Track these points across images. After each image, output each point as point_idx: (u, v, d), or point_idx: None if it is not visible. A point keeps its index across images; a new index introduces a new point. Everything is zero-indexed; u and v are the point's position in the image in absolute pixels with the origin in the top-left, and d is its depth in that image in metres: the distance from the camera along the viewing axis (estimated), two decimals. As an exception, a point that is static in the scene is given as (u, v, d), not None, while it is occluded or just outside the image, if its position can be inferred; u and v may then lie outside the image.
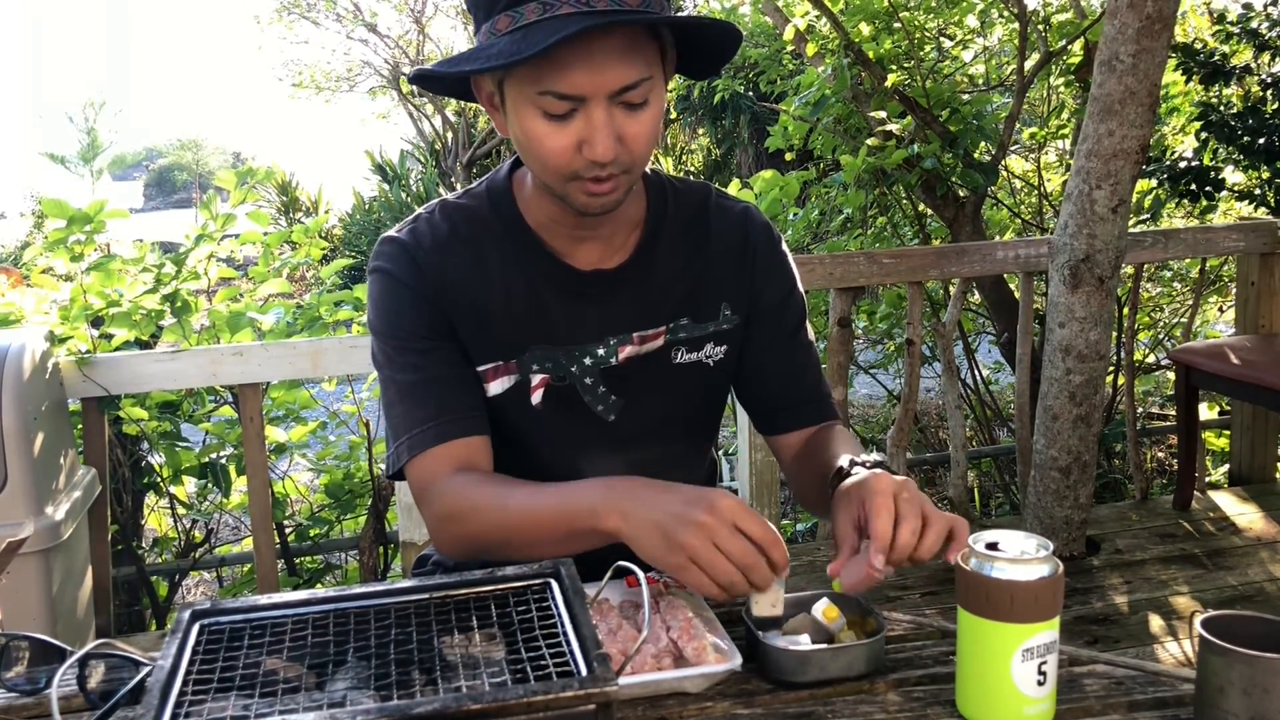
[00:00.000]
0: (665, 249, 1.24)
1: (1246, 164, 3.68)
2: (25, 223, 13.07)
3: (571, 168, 1.06)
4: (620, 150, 1.05)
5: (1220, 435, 3.97)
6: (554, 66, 1.00)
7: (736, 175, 10.56)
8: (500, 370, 1.21)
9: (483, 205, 1.22)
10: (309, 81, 13.98)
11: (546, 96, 1.02)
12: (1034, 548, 0.88)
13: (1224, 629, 0.83)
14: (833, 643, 0.98)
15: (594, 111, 1.03)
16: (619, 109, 1.04)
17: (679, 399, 1.27)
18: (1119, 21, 2.43)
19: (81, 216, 2.69)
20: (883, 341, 4.56)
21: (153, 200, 33.30)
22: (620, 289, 1.22)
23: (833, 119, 4.13)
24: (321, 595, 0.84)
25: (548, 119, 1.04)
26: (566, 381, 1.22)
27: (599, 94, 1.02)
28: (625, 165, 1.07)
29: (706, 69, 1.18)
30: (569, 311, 1.21)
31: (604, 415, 1.24)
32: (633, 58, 1.02)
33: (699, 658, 0.95)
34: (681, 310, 1.24)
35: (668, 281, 1.24)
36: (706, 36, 1.10)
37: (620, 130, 1.04)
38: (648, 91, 1.05)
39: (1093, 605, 2.65)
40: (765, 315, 1.29)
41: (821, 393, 1.33)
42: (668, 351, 1.24)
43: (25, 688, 0.98)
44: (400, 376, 1.18)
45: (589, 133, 1.03)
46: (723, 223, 1.27)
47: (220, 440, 2.94)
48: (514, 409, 1.22)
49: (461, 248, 1.19)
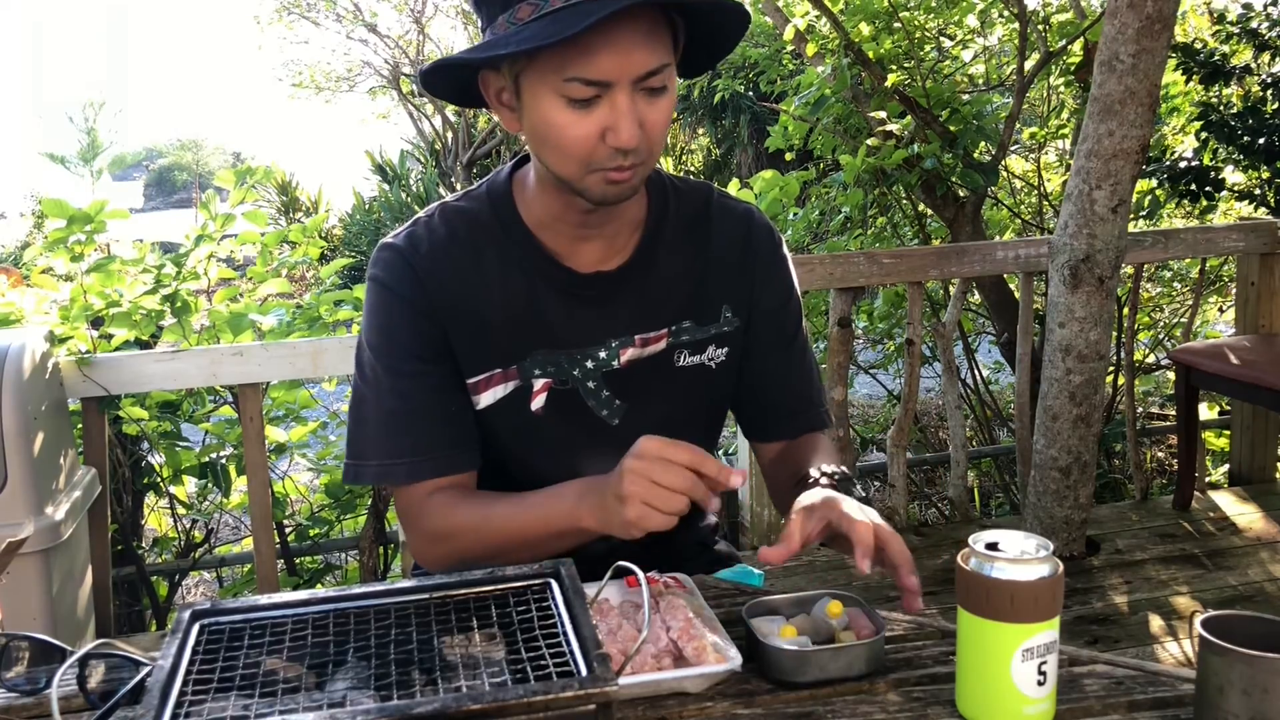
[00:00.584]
0: (667, 250, 1.23)
1: (1246, 164, 3.68)
2: (25, 223, 13.07)
3: (594, 157, 1.06)
4: (641, 138, 1.05)
5: (1220, 435, 3.97)
6: (580, 52, 1.01)
7: (736, 175, 10.57)
8: (498, 378, 1.20)
9: (482, 208, 1.21)
10: (309, 81, 13.99)
11: (573, 83, 1.02)
12: (1034, 548, 0.88)
13: (1224, 629, 0.83)
14: (833, 642, 0.98)
15: (619, 97, 1.03)
16: (641, 95, 1.04)
17: (682, 402, 1.26)
18: (1119, 21, 2.43)
19: (82, 216, 2.69)
20: (883, 341, 4.56)
21: (153, 200, 33.29)
22: (621, 290, 1.21)
23: (833, 119, 4.13)
24: (321, 595, 0.84)
25: (571, 107, 1.04)
26: (569, 385, 1.21)
27: (624, 79, 1.02)
28: (644, 154, 1.07)
29: (705, 61, 1.18)
30: (569, 314, 1.20)
31: (608, 419, 1.23)
32: (654, 43, 1.03)
33: (699, 658, 0.95)
34: (683, 312, 1.24)
35: (669, 283, 1.23)
36: (718, 21, 1.10)
37: (642, 116, 1.05)
38: (667, 78, 1.06)
39: (1093, 605, 2.65)
40: (763, 321, 1.28)
41: (814, 401, 1.33)
42: (670, 354, 1.24)
43: (25, 688, 0.98)
44: (385, 401, 1.18)
45: (614, 119, 1.03)
46: (725, 224, 1.27)
47: (220, 440, 2.94)
48: (512, 416, 1.21)
49: (460, 252, 1.19)
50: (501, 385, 1.20)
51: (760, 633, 0.98)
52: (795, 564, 2.95)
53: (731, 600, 1.15)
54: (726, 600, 1.15)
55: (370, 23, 12.95)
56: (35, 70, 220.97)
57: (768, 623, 1.02)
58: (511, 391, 1.21)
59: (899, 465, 3.14)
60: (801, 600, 1.05)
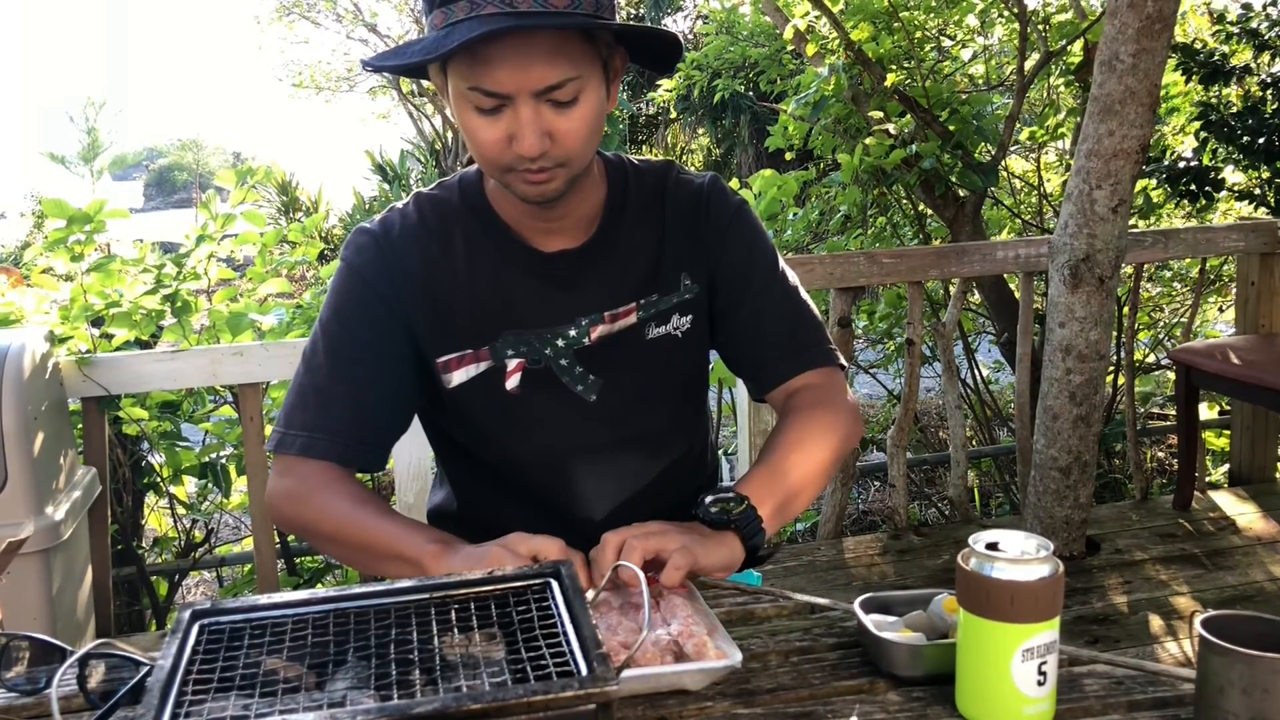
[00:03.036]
0: (628, 227, 1.26)
1: (1246, 164, 3.68)
2: (25, 223, 13.06)
3: (504, 160, 1.09)
4: (551, 145, 1.08)
5: (1220, 435, 3.97)
6: (481, 64, 1.04)
7: (736, 175, 10.57)
8: (468, 359, 1.23)
9: (453, 195, 1.26)
10: (309, 81, 13.99)
11: (475, 93, 1.06)
12: (1034, 548, 0.88)
13: (1224, 629, 0.83)
14: (948, 639, 0.97)
15: (521, 108, 1.06)
16: (547, 106, 1.06)
17: (654, 374, 1.28)
18: (1119, 21, 2.43)
19: (81, 216, 2.69)
20: (883, 341, 4.56)
21: (153, 200, 33.26)
22: (586, 269, 1.24)
23: (832, 119, 4.13)
24: (321, 595, 0.84)
25: (479, 113, 1.07)
26: (542, 364, 1.23)
27: (523, 92, 1.05)
28: (559, 159, 1.09)
29: (656, 63, 1.19)
30: (537, 295, 1.23)
31: (584, 395, 1.25)
32: (558, 59, 1.04)
33: (699, 654, 0.95)
34: (649, 286, 1.26)
35: (631, 258, 1.25)
36: (640, 37, 1.12)
37: (550, 126, 1.07)
38: (577, 90, 1.07)
39: (1093, 605, 2.65)
40: (728, 276, 1.29)
41: (805, 341, 1.31)
42: (641, 328, 1.26)
43: (25, 688, 0.98)
44: (313, 376, 1.21)
45: (516, 128, 1.06)
46: (679, 196, 1.29)
47: (220, 440, 2.94)
48: (484, 396, 1.24)
49: (430, 236, 1.23)
50: (473, 365, 1.23)
51: (876, 627, 0.98)
52: (795, 563, 2.95)
53: (731, 600, 1.15)
54: (726, 600, 1.15)
55: (370, 23, 12.96)
56: (35, 70, 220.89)
57: (882, 619, 1.02)
58: (484, 371, 1.23)
59: (899, 465, 3.14)
60: (914, 599, 1.05)
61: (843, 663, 1.00)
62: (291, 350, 2.59)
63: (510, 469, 1.29)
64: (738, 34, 6.17)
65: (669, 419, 1.33)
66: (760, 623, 1.11)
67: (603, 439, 1.26)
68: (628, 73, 1.26)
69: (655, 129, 12.86)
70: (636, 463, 1.30)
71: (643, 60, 1.17)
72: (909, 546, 3.04)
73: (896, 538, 3.09)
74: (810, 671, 0.99)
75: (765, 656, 1.02)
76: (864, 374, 4.68)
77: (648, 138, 12.78)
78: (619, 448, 1.28)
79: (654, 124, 12.73)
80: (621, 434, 1.27)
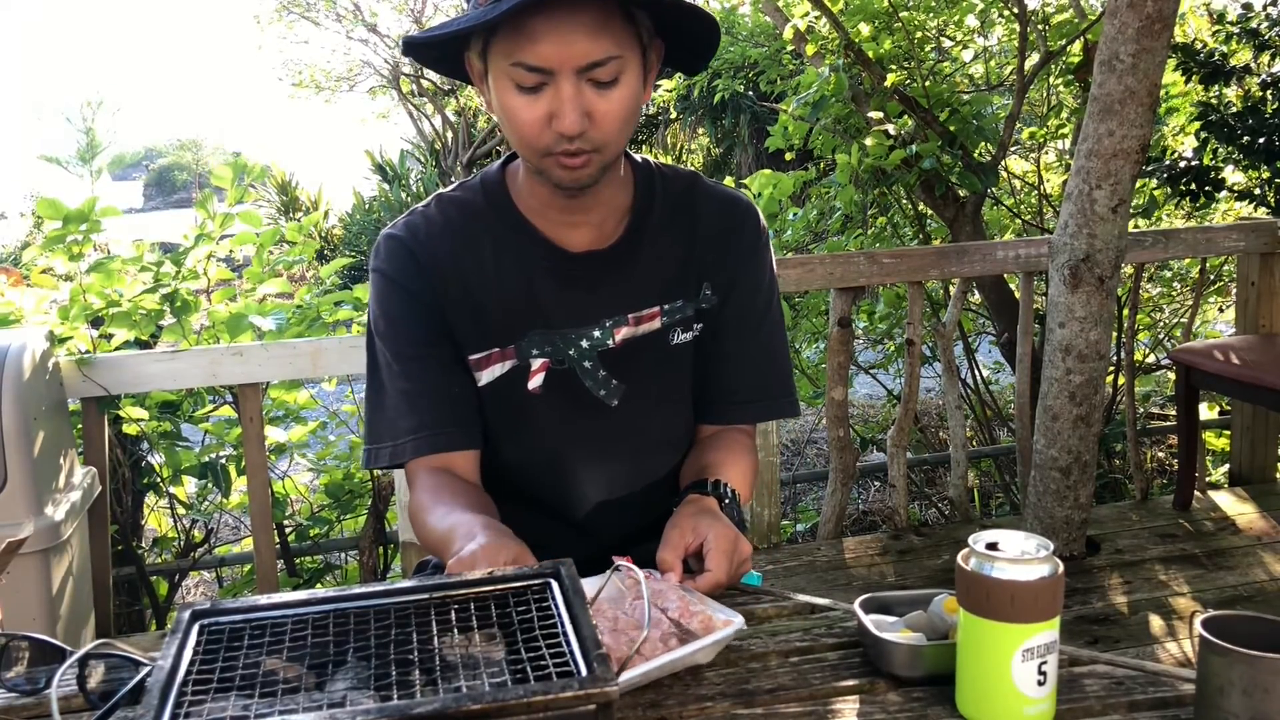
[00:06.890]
0: (654, 230, 1.26)
1: (1246, 164, 3.68)
2: (25, 223, 13.05)
3: (543, 141, 1.09)
4: (589, 126, 1.07)
5: (1220, 435, 3.97)
6: (525, 38, 1.03)
7: (736, 175, 10.57)
8: (496, 357, 1.23)
9: (476, 196, 1.25)
10: (309, 81, 13.96)
11: (518, 68, 1.05)
12: (1034, 548, 0.88)
13: (1224, 629, 0.83)
14: (948, 639, 0.97)
15: (562, 85, 1.05)
16: (588, 86, 1.06)
17: (676, 380, 1.29)
18: (1119, 21, 2.43)
19: (76, 215, 2.69)
20: (883, 341, 4.56)
21: (153, 200, 33.21)
22: (611, 271, 1.23)
23: (832, 119, 4.13)
24: (321, 595, 0.84)
25: (520, 91, 1.07)
26: (566, 365, 1.24)
27: (566, 68, 1.04)
28: (596, 143, 1.09)
29: (692, 60, 1.19)
30: (563, 295, 1.23)
31: (606, 400, 1.25)
32: (602, 35, 1.04)
33: (707, 628, 0.95)
34: (674, 291, 1.26)
35: (658, 262, 1.25)
36: (681, 21, 1.12)
37: (589, 107, 1.07)
38: (617, 70, 1.07)
39: (1093, 605, 2.65)
40: (734, 302, 1.30)
41: (771, 393, 1.33)
42: (666, 333, 1.26)
43: (25, 688, 0.98)
44: (394, 384, 1.22)
45: (557, 105, 1.06)
46: (710, 206, 1.29)
47: (220, 440, 2.94)
48: (509, 395, 1.24)
49: (456, 238, 1.23)
50: (500, 364, 1.23)
51: (876, 627, 0.98)
52: (795, 563, 2.95)
53: (730, 600, 1.15)
54: (726, 600, 1.15)
55: (370, 23, 12.93)
56: (35, 70, 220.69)
57: (882, 619, 1.02)
58: (509, 370, 1.23)
59: (899, 465, 3.14)
60: (915, 599, 1.05)
61: (843, 663, 1.00)
62: (291, 350, 2.59)
63: (520, 470, 1.28)
64: (737, 34, 6.18)
65: (683, 426, 1.33)
66: (760, 623, 1.11)
67: (617, 445, 1.27)
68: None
69: (655, 129, 12.86)
70: (648, 468, 1.30)
71: (678, 56, 1.17)
72: (909, 547, 3.04)
73: (896, 538, 3.09)
74: (810, 672, 0.99)
75: (765, 657, 1.02)
76: (864, 374, 4.68)
77: (647, 138, 12.78)
78: (633, 454, 1.28)
79: (654, 124, 12.72)
80: (636, 441, 1.27)
